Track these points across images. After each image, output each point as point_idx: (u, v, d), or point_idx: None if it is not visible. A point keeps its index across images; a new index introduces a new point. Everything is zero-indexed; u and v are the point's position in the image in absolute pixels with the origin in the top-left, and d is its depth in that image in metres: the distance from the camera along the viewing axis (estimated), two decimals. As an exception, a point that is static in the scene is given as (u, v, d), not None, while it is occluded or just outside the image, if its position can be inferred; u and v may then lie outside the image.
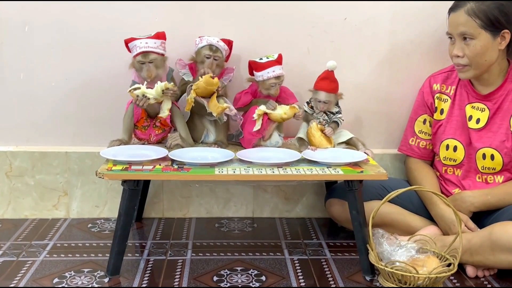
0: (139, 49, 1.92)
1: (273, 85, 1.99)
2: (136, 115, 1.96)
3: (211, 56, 2.00)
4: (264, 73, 1.98)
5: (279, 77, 2.00)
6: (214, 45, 2.01)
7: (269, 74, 1.98)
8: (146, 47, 1.92)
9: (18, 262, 1.87)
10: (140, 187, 1.75)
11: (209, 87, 1.92)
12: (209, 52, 2.00)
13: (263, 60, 2.00)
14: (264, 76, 1.98)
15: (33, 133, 2.23)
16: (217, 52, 2.01)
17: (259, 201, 2.32)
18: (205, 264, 1.88)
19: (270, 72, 1.98)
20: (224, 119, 2.00)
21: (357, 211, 1.79)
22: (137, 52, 1.92)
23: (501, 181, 1.96)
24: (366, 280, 1.80)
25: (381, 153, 2.27)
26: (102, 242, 2.05)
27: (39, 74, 2.18)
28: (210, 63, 2.00)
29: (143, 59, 1.92)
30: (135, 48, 1.93)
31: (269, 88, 2.00)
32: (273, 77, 1.98)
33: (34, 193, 2.24)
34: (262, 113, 1.95)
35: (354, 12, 2.19)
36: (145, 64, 1.93)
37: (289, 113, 1.97)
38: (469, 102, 2.01)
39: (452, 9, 1.92)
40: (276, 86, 2.00)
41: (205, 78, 1.91)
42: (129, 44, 1.95)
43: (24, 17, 2.13)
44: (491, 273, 1.85)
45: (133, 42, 1.94)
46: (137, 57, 1.93)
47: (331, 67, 1.95)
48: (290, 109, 1.97)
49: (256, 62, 2.01)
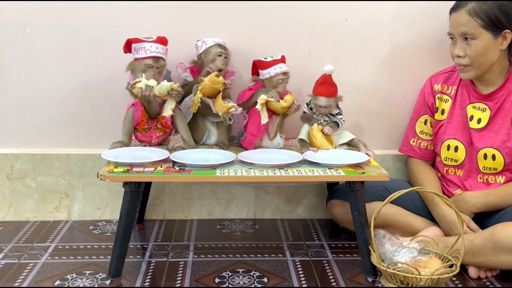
0: (149, 53, 1.92)
1: (281, 81, 2.00)
2: (136, 118, 1.96)
3: (223, 53, 2.02)
4: (271, 70, 1.99)
5: (286, 73, 2.01)
6: (222, 44, 2.04)
7: (276, 70, 1.99)
8: (157, 52, 1.93)
9: (19, 265, 1.87)
10: (141, 189, 1.75)
11: (215, 86, 1.93)
12: (220, 49, 2.03)
13: (268, 59, 2.01)
14: (271, 73, 1.99)
15: (34, 135, 2.23)
16: (226, 50, 2.05)
17: (261, 202, 2.32)
18: (207, 265, 1.88)
19: (277, 68, 1.99)
20: (230, 121, 2.00)
21: (358, 212, 1.78)
22: (148, 56, 1.92)
23: (503, 181, 1.96)
24: (368, 281, 1.80)
25: (382, 154, 2.27)
26: (104, 244, 2.04)
27: (40, 76, 2.18)
28: (223, 59, 2.02)
29: (154, 64, 1.93)
30: (143, 51, 1.93)
31: (277, 85, 2.00)
32: (280, 73, 1.99)
33: (35, 195, 2.24)
34: (265, 101, 1.95)
35: (355, 13, 2.19)
36: (153, 68, 1.93)
37: (289, 100, 1.97)
38: (470, 102, 2.01)
39: (453, 9, 1.92)
40: (284, 83, 2.01)
41: (211, 77, 1.92)
42: (135, 44, 1.94)
43: (25, 19, 2.13)
44: (493, 274, 1.84)
45: (140, 43, 1.93)
46: (147, 60, 1.92)
47: (329, 71, 1.95)
48: (289, 96, 1.98)
49: (261, 61, 2.02)
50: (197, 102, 1.94)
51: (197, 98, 1.93)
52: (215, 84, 1.92)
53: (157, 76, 1.95)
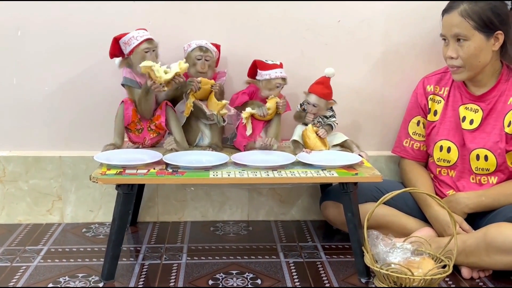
0: (140, 38, 1.93)
1: (278, 85, 2.01)
2: (127, 116, 1.96)
3: (202, 56, 2.01)
4: (272, 72, 1.99)
5: (285, 79, 2.02)
6: (203, 46, 2.02)
7: (277, 74, 1.99)
8: (146, 35, 1.95)
9: (12, 268, 1.86)
10: (134, 191, 1.75)
11: (205, 86, 1.95)
12: (199, 53, 2.01)
13: (269, 62, 2.02)
14: (271, 75, 1.99)
15: (26, 137, 2.22)
16: (207, 52, 2.02)
17: (254, 204, 2.32)
18: (201, 268, 1.88)
19: (278, 72, 2.00)
20: (224, 123, 2.00)
21: (352, 213, 1.79)
22: (141, 41, 1.93)
23: (495, 182, 1.97)
24: (361, 282, 1.80)
25: (375, 155, 2.27)
26: (97, 246, 2.04)
27: (32, 79, 2.17)
28: (202, 63, 2.00)
29: (150, 45, 1.94)
30: (133, 39, 1.93)
31: (274, 88, 2.00)
32: (280, 77, 1.99)
33: (28, 198, 2.23)
34: (249, 115, 1.97)
35: (348, 14, 2.19)
36: (149, 52, 1.94)
37: (270, 104, 1.98)
38: (462, 103, 2.02)
39: (446, 11, 1.92)
40: (280, 87, 2.02)
41: (200, 79, 1.94)
42: (123, 38, 1.95)
43: (17, 22, 2.12)
44: (486, 274, 1.85)
45: (127, 35, 1.95)
46: (142, 45, 1.93)
47: (329, 74, 1.96)
48: (269, 101, 1.99)
49: (263, 62, 2.02)
50: (189, 106, 1.96)
51: (189, 102, 1.95)
52: (206, 85, 1.96)
53: (156, 58, 1.95)
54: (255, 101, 2.02)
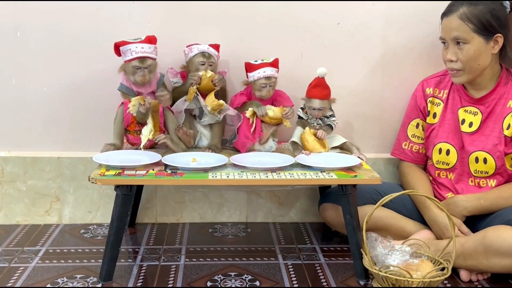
0: (135, 54, 1.90)
1: (264, 85, 2.00)
2: (126, 118, 1.95)
3: (205, 62, 2.01)
4: (255, 73, 2.00)
5: (270, 78, 2.00)
6: (206, 52, 2.02)
7: (259, 74, 1.99)
8: (142, 52, 1.91)
9: (10, 269, 1.85)
10: (133, 192, 1.75)
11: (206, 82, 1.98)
12: (202, 59, 2.01)
13: (257, 62, 2.01)
14: (255, 77, 2.00)
15: (25, 138, 2.22)
16: (210, 58, 2.02)
17: (253, 206, 2.32)
18: (199, 269, 1.88)
19: (260, 72, 1.99)
20: (219, 118, 1.99)
21: (350, 215, 1.79)
22: (134, 57, 1.90)
23: (494, 185, 1.97)
24: (360, 284, 1.80)
25: (374, 157, 2.27)
26: (95, 248, 2.03)
27: (31, 79, 2.17)
28: (205, 69, 2.00)
29: (140, 64, 1.91)
30: (129, 53, 1.91)
31: (260, 89, 2.00)
32: (263, 77, 1.99)
33: (26, 199, 2.23)
34: (253, 112, 1.98)
35: (347, 17, 2.20)
36: (141, 69, 1.92)
37: (276, 112, 1.98)
38: (461, 106, 2.02)
39: (445, 14, 1.93)
40: (267, 87, 2.01)
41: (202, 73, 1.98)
42: (122, 47, 1.92)
43: (16, 22, 2.12)
44: (484, 277, 1.85)
45: (126, 46, 1.91)
46: (133, 62, 1.91)
47: (322, 74, 1.96)
48: (277, 109, 1.99)
49: (250, 64, 2.03)
50: (192, 92, 1.97)
51: (193, 89, 1.96)
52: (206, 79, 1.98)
53: (149, 76, 1.93)
54: (254, 101, 2.03)
